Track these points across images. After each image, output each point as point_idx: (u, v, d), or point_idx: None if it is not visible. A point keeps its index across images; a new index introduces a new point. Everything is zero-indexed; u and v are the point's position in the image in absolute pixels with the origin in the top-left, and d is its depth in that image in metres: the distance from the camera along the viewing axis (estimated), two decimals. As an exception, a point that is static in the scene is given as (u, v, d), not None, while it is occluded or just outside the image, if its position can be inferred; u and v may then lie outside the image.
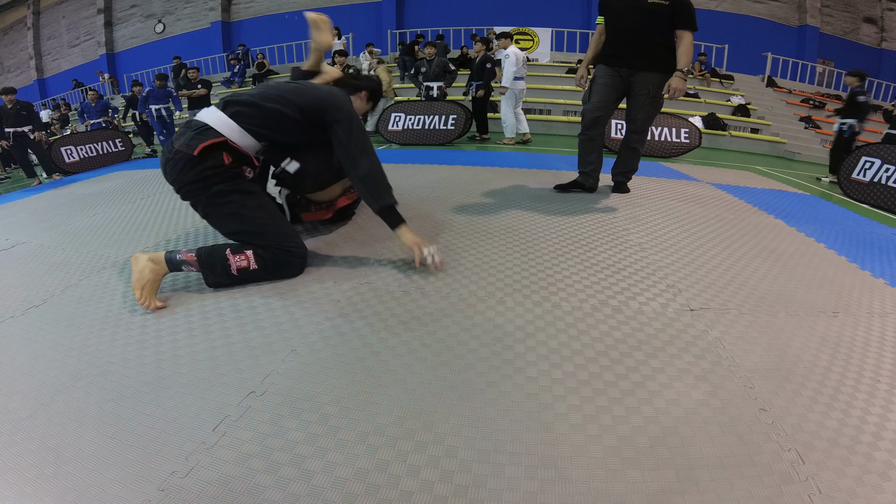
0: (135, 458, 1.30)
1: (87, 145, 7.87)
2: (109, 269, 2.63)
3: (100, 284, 2.44)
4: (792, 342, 1.83)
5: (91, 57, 18.73)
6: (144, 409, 1.49)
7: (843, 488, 1.19)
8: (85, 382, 1.64)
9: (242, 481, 1.21)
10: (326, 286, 2.22)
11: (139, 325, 2.00)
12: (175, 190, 2.24)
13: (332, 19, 11.32)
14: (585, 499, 1.15)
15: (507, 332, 1.83)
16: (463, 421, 1.40)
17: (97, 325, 2.03)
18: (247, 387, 1.56)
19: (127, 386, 1.61)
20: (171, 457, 1.29)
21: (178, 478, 1.23)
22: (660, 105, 3.61)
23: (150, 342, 1.86)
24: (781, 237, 3.08)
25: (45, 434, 1.42)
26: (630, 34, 3.41)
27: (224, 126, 2.17)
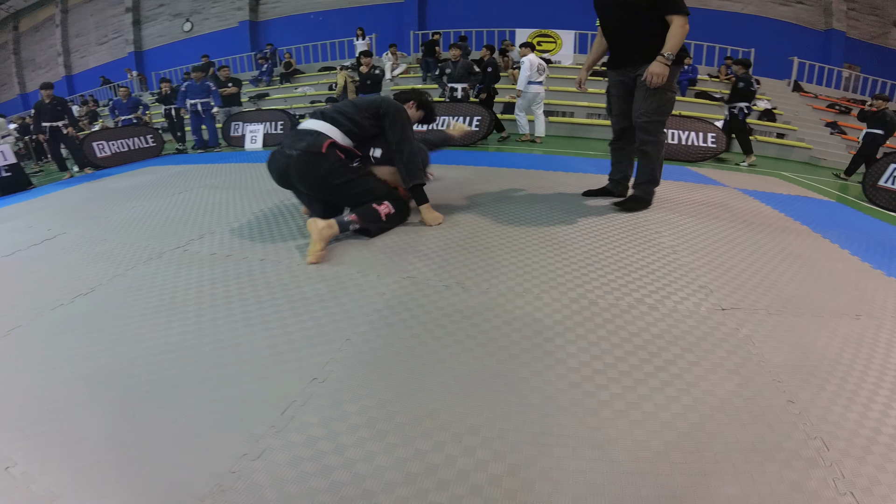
0: (199, 443, 1.37)
1: (119, 140, 8.10)
2: (156, 259, 2.73)
3: (148, 274, 2.55)
4: (816, 341, 1.91)
5: (119, 54, 19.07)
6: (207, 395, 1.57)
7: (864, 474, 1.28)
8: (141, 369, 1.72)
9: (313, 462, 1.29)
10: (371, 279, 2.33)
11: (194, 314, 2.09)
12: (305, 186, 2.89)
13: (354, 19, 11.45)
14: (631, 478, 1.25)
15: (547, 326, 1.93)
16: (511, 406, 1.50)
17: (150, 314, 2.12)
18: (309, 374, 1.65)
19: (186, 373, 1.69)
20: (241, 440, 1.36)
21: (249, 460, 1.30)
22: (664, 99, 3.26)
23: (207, 331, 1.95)
24: (807, 242, 3.12)
25: (103, 420, 1.48)
26: (618, 32, 3.34)
27: (329, 130, 2.85)
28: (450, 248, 2.68)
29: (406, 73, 13.47)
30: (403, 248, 2.69)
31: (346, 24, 15.09)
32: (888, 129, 7.19)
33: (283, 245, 2.83)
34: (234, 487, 1.23)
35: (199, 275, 2.50)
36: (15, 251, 3.17)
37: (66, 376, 1.72)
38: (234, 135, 9.10)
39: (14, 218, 4.27)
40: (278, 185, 3.06)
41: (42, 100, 7.29)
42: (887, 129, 7.19)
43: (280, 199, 3.86)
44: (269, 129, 8.85)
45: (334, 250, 2.70)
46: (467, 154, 6.57)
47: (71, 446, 1.40)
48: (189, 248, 2.89)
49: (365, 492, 1.21)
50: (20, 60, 21.36)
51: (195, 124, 8.92)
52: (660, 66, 3.07)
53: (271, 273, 2.45)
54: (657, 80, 3.09)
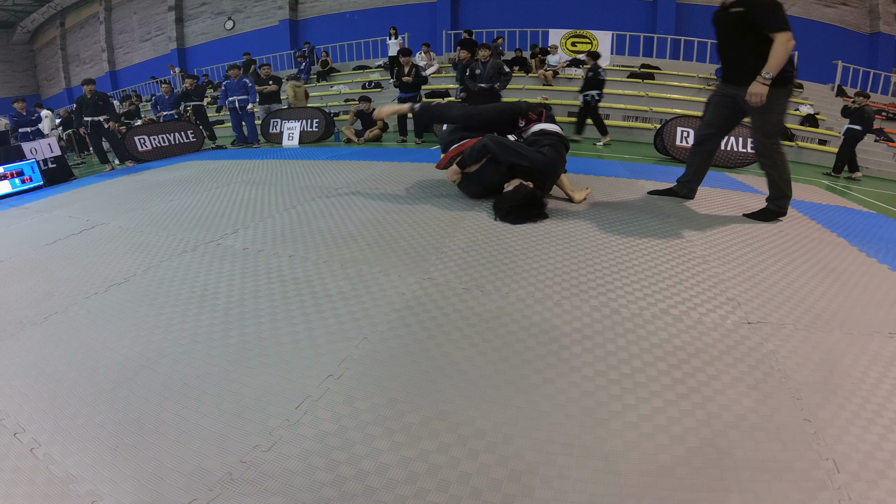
0: (216, 433, 1.43)
1: (160, 135, 8.35)
2: (190, 252, 2.83)
3: (181, 266, 2.64)
4: (843, 359, 1.84)
5: (162, 51, 19.68)
6: (230, 386, 1.64)
7: (872, 498, 1.23)
8: (170, 359, 1.80)
9: (320, 456, 1.33)
10: (392, 279, 2.36)
11: (223, 307, 2.18)
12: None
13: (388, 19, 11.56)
14: (633, 490, 1.24)
15: (565, 333, 1.92)
16: (520, 412, 1.50)
17: (181, 305, 2.21)
18: (326, 370, 1.71)
19: (212, 364, 1.76)
20: (255, 432, 1.42)
21: (260, 451, 1.35)
22: (766, 120, 3.24)
23: (234, 324, 2.03)
24: (843, 256, 3.01)
25: (127, 406, 1.56)
26: (725, 50, 3.34)
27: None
28: (472, 251, 2.69)
29: (438, 73, 13.51)
30: (427, 249, 2.71)
31: (379, 23, 15.24)
32: (866, 124, 7.96)
33: (312, 241, 2.90)
34: (244, 476, 1.28)
35: (230, 269, 2.58)
36: (56, 240, 3.33)
37: (96, 364, 1.81)
38: (272, 132, 9.28)
39: (57, 208, 4.47)
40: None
41: (84, 95, 7.53)
42: (865, 124, 7.94)
43: (312, 196, 3.94)
44: (305, 127, 9.02)
45: (359, 248, 2.75)
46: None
47: (93, 431, 1.47)
48: (223, 241, 2.98)
49: (367, 488, 1.24)
50: (66, 56, 22.23)
51: (235, 121, 9.12)
52: (758, 86, 3.04)
53: (299, 269, 2.51)
54: (756, 100, 3.07)
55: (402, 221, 3.19)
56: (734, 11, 3.10)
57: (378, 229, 3.05)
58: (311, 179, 4.74)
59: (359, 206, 3.59)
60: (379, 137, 8.80)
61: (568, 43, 14.18)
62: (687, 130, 6.99)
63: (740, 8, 3.07)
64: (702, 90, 11.97)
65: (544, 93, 11.85)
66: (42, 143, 7.02)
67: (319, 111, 9.25)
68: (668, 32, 13.84)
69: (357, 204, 3.67)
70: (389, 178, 4.61)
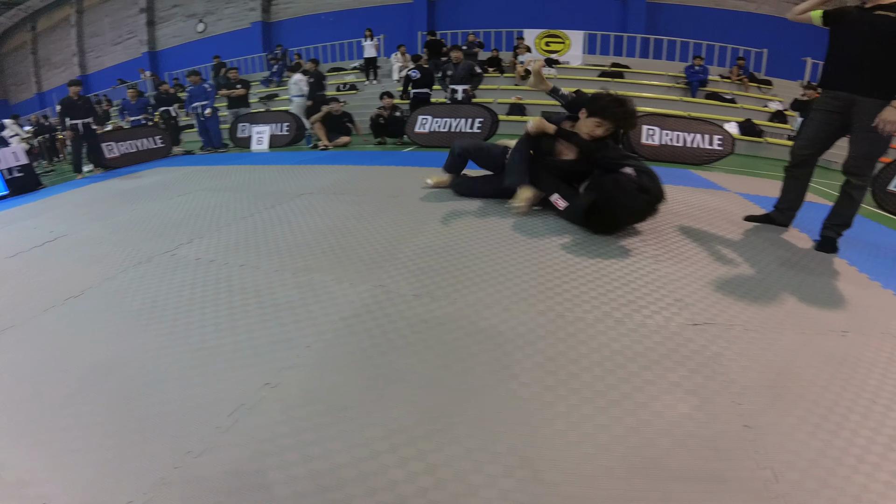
0: (157, 438, 1.47)
1: (128, 141, 8.21)
2: (146, 263, 2.82)
3: (136, 278, 2.64)
4: (794, 360, 1.83)
5: (134, 54, 19.35)
6: (172, 394, 1.67)
7: None
8: (119, 370, 1.83)
9: (249, 462, 1.35)
10: (344, 287, 2.36)
11: (171, 318, 2.18)
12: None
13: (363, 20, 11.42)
14: (556, 500, 1.24)
15: (509, 339, 1.92)
16: (455, 420, 1.50)
17: (132, 317, 2.22)
18: (263, 378, 1.71)
19: (159, 373, 1.79)
20: (189, 438, 1.45)
21: (191, 457, 1.38)
22: (881, 143, 2.94)
23: (180, 334, 2.04)
24: (803, 252, 3.04)
25: (87, 411, 1.61)
26: (852, 52, 2.92)
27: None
28: (428, 256, 2.68)
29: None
30: (382, 256, 2.71)
31: (355, 24, 15.12)
32: None
33: (266, 250, 2.88)
34: (176, 482, 1.31)
35: (181, 279, 2.58)
36: (17, 252, 3.31)
37: (50, 376, 1.85)
38: (240, 136, 9.19)
39: (22, 219, 4.41)
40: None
41: (70, 97, 7.29)
42: None
43: (273, 203, 3.91)
44: (275, 131, 8.93)
45: (313, 256, 2.73)
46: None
47: (45, 437, 1.53)
48: (178, 252, 2.97)
49: (295, 493, 1.26)
50: (37, 60, 21.78)
51: (200, 126, 9.04)
52: (893, 113, 2.72)
53: (248, 279, 2.50)
54: (891, 129, 2.77)
55: (362, 228, 3.18)
56: (882, 15, 2.76)
57: (336, 236, 3.03)
58: (275, 185, 4.70)
59: (319, 213, 3.57)
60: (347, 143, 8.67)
61: (542, 43, 14.26)
62: (653, 129, 7.03)
63: (891, 13, 2.73)
64: (671, 88, 12.14)
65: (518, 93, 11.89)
66: (6, 152, 6.86)
67: (290, 115, 9.17)
68: (638, 31, 13.98)
69: (318, 210, 3.65)
70: (357, 183, 4.60)
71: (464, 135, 7.75)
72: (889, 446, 1.43)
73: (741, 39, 13.28)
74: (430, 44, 12.94)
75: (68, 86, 7.39)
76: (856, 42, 2.87)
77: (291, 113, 9.31)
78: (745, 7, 13.83)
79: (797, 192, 3.49)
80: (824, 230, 3.22)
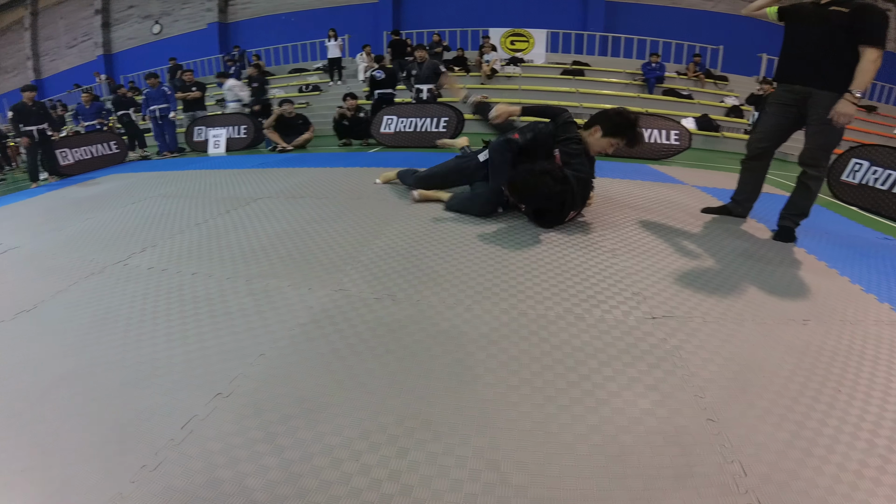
0: (112, 453, 1.41)
1: (82, 148, 7.90)
2: (98, 274, 2.71)
3: (88, 290, 2.53)
4: (755, 352, 1.85)
5: (89, 58, 18.72)
6: (123, 407, 1.60)
7: (785, 502, 1.20)
8: (71, 383, 1.76)
9: (204, 475, 1.31)
10: (301, 292, 2.29)
11: (122, 330, 2.10)
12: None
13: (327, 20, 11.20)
14: (524, 502, 1.21)
15: (471, 339, 1.89)
16: (417, 424, 1.46)
17: (84, 330, 2.13)
18: (215, 388, 1.65)
19: (109, 386, 1.72)
20: (143, 452, 1.40)
21: (147, 471, 1.33)
22: (835, 133, 3.00)
23: (131, 346, 1.97)
24: (761, 242, 3.09)
25: (34, 430, 1.54)
26: (806, 48, 2.99)
27: None
28: (390, 258, 2.64)
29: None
30: (343, 259, 2.65)
31: (318, 24, 14.93)
32: None
33: (219, 257, 2.79)
34: (133, 496, 1.27)
35: (133, 290, 2.48)
36: (-34, 268, 3.11)
37: (5, 390, 1.77)
38: (197, 140, 8.95)
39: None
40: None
41: (24, 102, 6.96)
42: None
43: (228, 208, 3.81)
44: (232, 134, 8.73)
45: (269, 261, 2.66)
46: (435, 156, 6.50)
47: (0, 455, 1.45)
48: (130, 262, 2.86)
49: (250, 502, 1.22)
50: (-12, 65, 20.89)
51: (156, 130, 8.78)
52: (850, 106, 2.79)
53: (200, 287, 2.42)
54: (845, 121, 2.84)
55: (322, 231, 3.11)
56: (835, 10, 2.82)
57: (294, 240, 2.96)
58: (231, 190, 4.58)
59: (276, 217, 3.49)
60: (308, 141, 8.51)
61: (507, 41, 14.34)
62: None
63: (843, 8, 2.80)
64: (628, 85, 12.35)
65: (484, 91, 11.92)
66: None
67: (247, 117, 8.97)
68: (597, 30, 14.21)
69: (275, 214, 3.56)
70: (318, 185, 4.51)
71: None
72: (856, 435, 1.44)
73: (697, 37, 13.58)
74: (394, 43, 12.88)
75: (22, 91, 7.04)
76: (811, 37, 2.94)
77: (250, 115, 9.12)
78: (702, 5, 14.17)
79: (754, 184, 3.57)
80: (782, 220, 3.29)
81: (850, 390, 1.65)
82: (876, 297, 2.41)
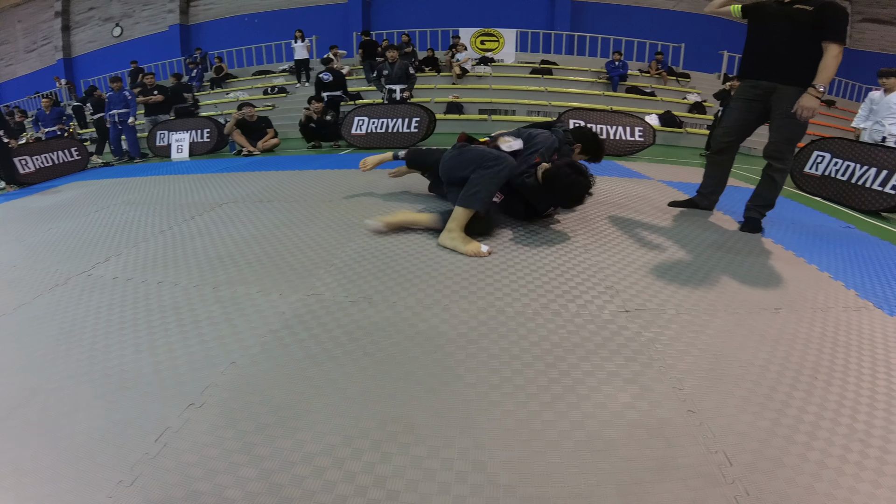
0: (86, 469, 1.35)
1: (43, 155, 7.63)
2: (62, 285, 2.61)
3: (52, 302, 2.43)
4: (730, 341, 1.87)
5: (48, 62, 18.11)
6: (95, 421, 1.54)
7: (773, 490, 1.21)
8: (42, 397, 1.68)
9: (182, 488, 1.26)
10: (272, 298, 2.24)
11: (89, 342, 2.02)
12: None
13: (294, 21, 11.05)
14: (514, 502, 1.20)
15: (450, 340, 1.87)
16: (399, 428, 1.43)
17: (51, 343, 2.05)
18: (187, 399, 1.59)
19: (80, 400, 1.65)
20: (118, 467, 1.34)
21: (124, 486, 1.28)
22: (798, 128, 3.08)
23: (98, 358, 1.89)
24: (729, 233, 3.15)
25: (5, 447, 1.46)
26: (771, 42, 3.06)
27: None
28: (365, 260, 2.60)
29: (349, 76, 13.28)
30: (315, 263, 2.60)
31: (284, 26, 14.76)
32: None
33: (185, 265, 2.71)
34: None
35: (98, 301, 2.39)
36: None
37: None
38: (159, 144, 8.72)
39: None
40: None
41: None
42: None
43: (193, 214, 3.71)
44: (195, 138, 8.53)
45: (237, 268, 2.60)
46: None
47: None
48: (94, 272, 2.75)
49: None
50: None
51: (114, 135, 8.56)
52: (813, 100, 2.87)
53: (167, 296, 2.33)
54: (808, 115, 2.91)
55: (292, 235, 3.04)
56: (799, 8, 2.89)
57: (262, 245, 2.89)
58: (196, 195, 4.46)
59: (243, 222, 3.40)
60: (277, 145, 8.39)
61: (477, 41, 14.41)
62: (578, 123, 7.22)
63: (807, 6, 2.87)
64: (594, 83, 12.54)
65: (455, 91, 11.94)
66: None
67: (211, 121, 8.78)
68: (564, 29, 14.39)
69: (241, 219, 3.47)
70: (287, 189, 4.42)
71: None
72: (836, 420, 1.47)
73: (660, 35, 13.87)
74: (364, 44, 12.80)
75: None
76: (776, 34, 3.01)
77: (213, 119, 8.93)
78: (664, 4, 14.46)
79: (719, 178, 3.63)
80: (748, 211, 3.37)
81: (826, 376, 1.69)
82: (843, 284, 2.48)
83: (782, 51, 3.00)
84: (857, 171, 4.90)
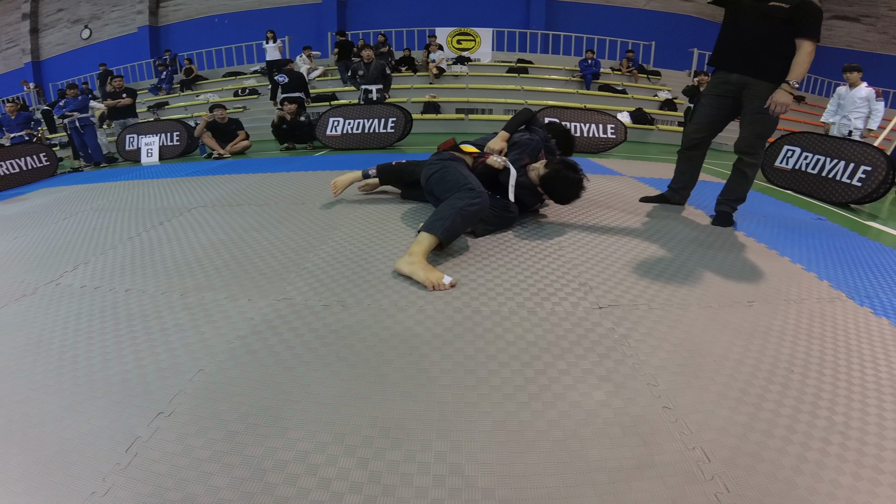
0: (58, 481, 1.31)
1: (9, 161, 7.42)
2: (30, 295, 2.53)
3: (20, 312, 2.35)
4: (703, 336, 1.87)
5: (15, 65, 17.64)
6: (64, 433, 1.49)
7: (753, 485, 1.20)
8: (7, 409, 1.63)
9: (154, 498, 1.23)
10: (240, 304, 2.19)
11: (57, 351, 1.97)
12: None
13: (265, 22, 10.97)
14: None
15: (425, 341, 1.85)
16: (375, 432, 1.41)
17: (17, 353, 1.98)
18: (156, 408, 1.55)
19: (47, 411, 1.60)
20: (90, 478, 1.30)
21: (97, 497, 1.24)
22: (770, 124, 3.13)
23: (67, 368, 1.84)
24: (701, 227, 3.18)
25: None
26: (746, 36, 3.07)
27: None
28: (338, 263, 2.56)
29: (324, 76, 13.19)
30: (286, 267, 2.55)
31: (256, 26, 14.62)
32: None
33: (152, 272, 2.64)
34: None
35: (66, 310, 2.32)
36: None
37: None
38: (129, 148, 8.57)
39: None
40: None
41: None
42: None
43: (161, 219, 3.63)
44: (164, 142, 8.39)
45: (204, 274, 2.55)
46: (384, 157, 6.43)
47: None
48: (62, 281, 2.67)
49: None
50: None
51: (77, 141, 8.38)
52: (786, 96, 2.89)
53: (134, 304, 2.27)
54: (781, 110, 2.94)
55: (262, 239, 2.99)
56: (775, 6, 2.92)
57: (231, 250, 2.83)
58: (165, 200, 4.36)
59: (211, 227, 3.33)
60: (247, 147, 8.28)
61: (454, 41, 14.41)
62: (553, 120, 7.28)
63: (783, 4, 2.90)
64: (568, 81, 12.66)
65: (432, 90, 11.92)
66: None
67: (180, 123, 8.63)
68: (539, 28, 14.48)
69: (210, 224, 3.41)
70: (258, 192, 4.36)
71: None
72: (814, 413, 1.47)
73: (631, 33, 14.06)
74: (340, 44, 12.71)
75: None
76: (751, 30, 3.04)
77: (183, 122, 8.78)
78: (635, 3, 14.63)
79: (691, 173, 3.68)
80: (719, 206, 3.41)
81: (802, 369, 1.70)
82: (816, 275, 2.52)
83: (756, 46, 3.03)
84: (828, 164, 5.01)
